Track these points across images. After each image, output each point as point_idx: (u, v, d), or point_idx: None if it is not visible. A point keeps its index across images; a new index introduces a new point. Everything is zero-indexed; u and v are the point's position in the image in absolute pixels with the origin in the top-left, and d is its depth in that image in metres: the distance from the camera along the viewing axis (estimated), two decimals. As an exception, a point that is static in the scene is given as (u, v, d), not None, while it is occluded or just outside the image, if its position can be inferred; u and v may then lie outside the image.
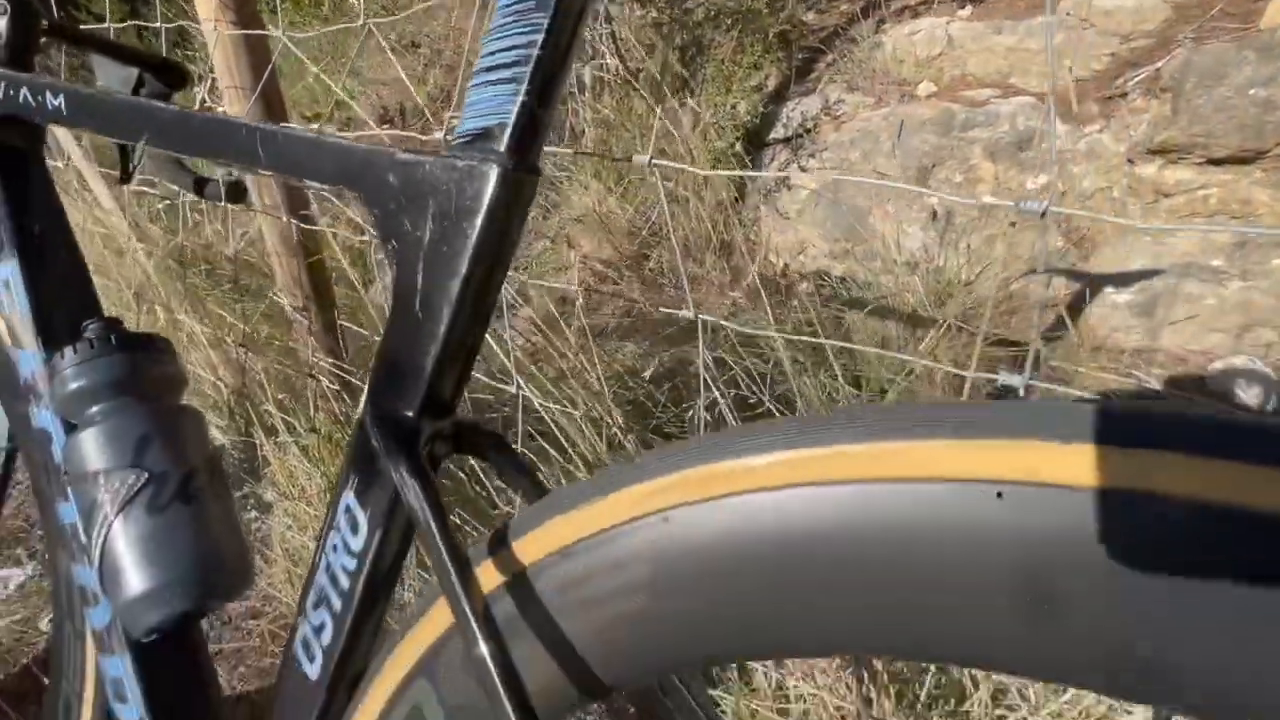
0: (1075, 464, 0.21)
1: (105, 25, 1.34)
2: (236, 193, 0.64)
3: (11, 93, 0.52)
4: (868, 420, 0.25)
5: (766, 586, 0.26)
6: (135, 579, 0.47)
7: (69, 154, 1.84)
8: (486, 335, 0.38)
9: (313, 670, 0.41)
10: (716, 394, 0.74)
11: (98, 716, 0.64)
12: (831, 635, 0.26)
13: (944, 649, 0.24)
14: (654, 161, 0.41)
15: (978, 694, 0.52)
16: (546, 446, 0.86)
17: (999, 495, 0.22)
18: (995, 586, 0.22)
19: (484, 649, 0.30)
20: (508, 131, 0.32)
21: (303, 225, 0.97)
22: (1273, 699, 0.19)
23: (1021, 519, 0.22)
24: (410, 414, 0.35)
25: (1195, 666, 0.20)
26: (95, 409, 0.51)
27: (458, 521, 0.94)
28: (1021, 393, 0.50)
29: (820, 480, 0.25)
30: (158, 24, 1.20)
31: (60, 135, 1.79)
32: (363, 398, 0.38)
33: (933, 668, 0.52)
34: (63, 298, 0.57)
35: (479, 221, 0.32)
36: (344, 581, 0.39)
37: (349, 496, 0.38)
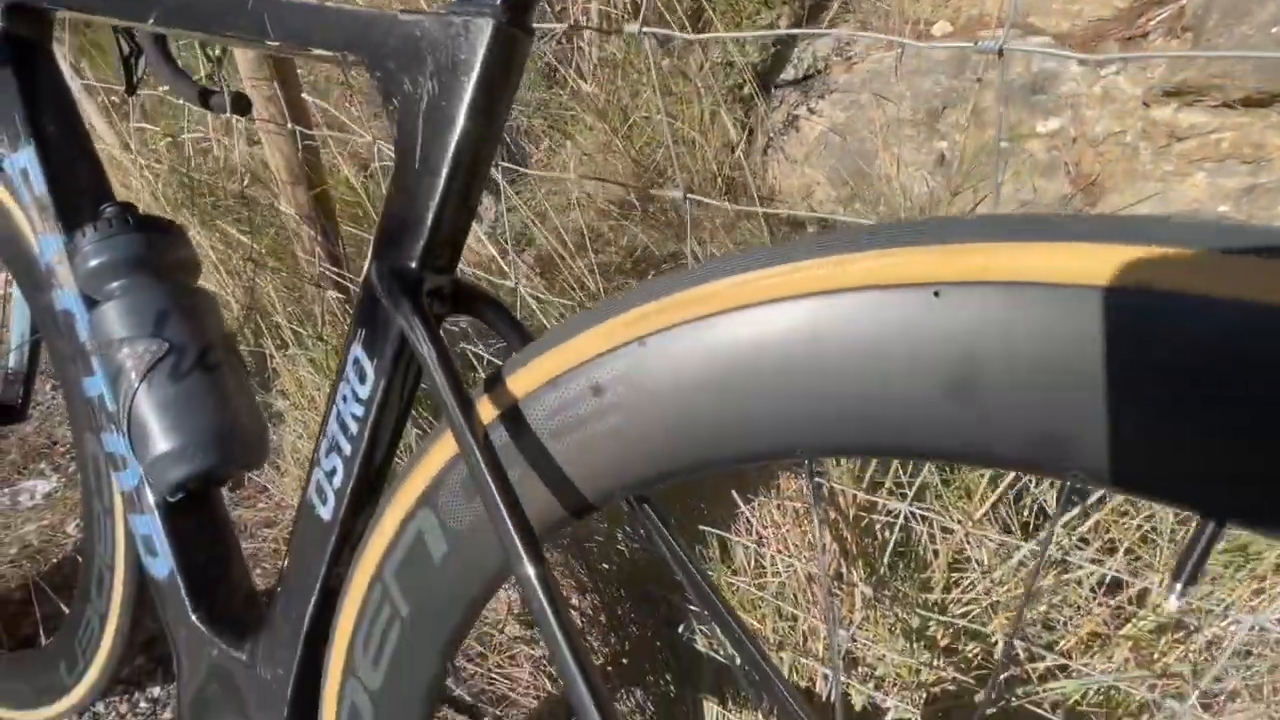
0: (1007, 262, 0.24)
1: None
2: (241, 104, 0.65)
3: (20, -24, 0.53)
4: (822, 241, 0.27)
5: (728, 396, 0.29)
6: (161, 438, 0.51)
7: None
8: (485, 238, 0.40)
9: (326, 511, 0.45)
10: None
11: (129, 578, 0.69)
12: (787, 438, 0.29)
13: (888, 441, 0.27)
14: (644, 30, 0.42)
15: (936, 561, 0.57)
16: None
17: (936, 295, 0.25)
18: (932, 379, 0.25)
19: (486, 473, 0.34)
20: (503, -14, 0.33)
21: (304, 132, 0.98)
22: (1161, 467, 0.22)
23: (956, 315, 0.24)
24: (413, 265, 0.38)
25: (1101, 440, 0.23)
26: (116, 284, 0.54)
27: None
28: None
29: (773, 298, 0.27)
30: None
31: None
32: (368, 255, 0.40)
33: (896, 540, 0.56)
34: (79, 183, 0.59)
35: (475, 75, 0.34)
36: (353, 428, 0.42)
37: (357, 349, 0.41)
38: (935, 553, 0.57)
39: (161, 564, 0.55)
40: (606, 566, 0.77)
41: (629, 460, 0.33)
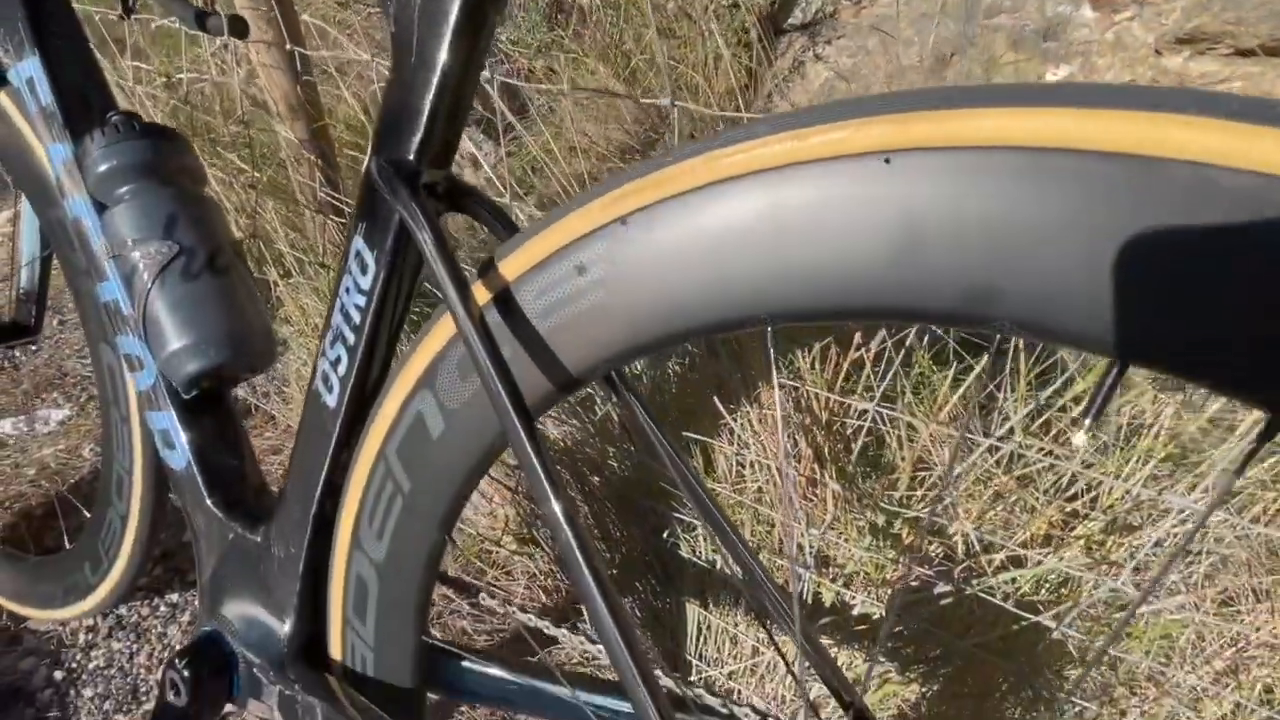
0: (951, 129, 0.26)
1: None
2: (238, 26, 0.65)
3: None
4: (784, 119, 0.29)
5: (699, 268, 0.32)
6: (175, 335, 0.54)
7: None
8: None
9: (331, 399, 0.48)
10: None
11: (148, 481, 0.74)
12: (753, 305, 0.31)
13: (842, 303, 0.30)
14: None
15: (904, 465, 0.61)
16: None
17: (886, 161, 0.27)
18: (882, 241, 0.28)
19: (482, 351, 0.37)
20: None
21: (302, 53, 0.98)
22: (1076, 315, 0.25)
23: (905, 179, 0.27)
24: (410, 157, 0.40)
25: (1028, 292, 0.26)
26: (125, 189, 0.56)
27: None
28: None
29: (739, 173, 0.30)
30: None
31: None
32: (368, 150, 0.42)
33: (865, 444, 0.60)
34: (83, 92, 0.60)
35: (468, -33, 0.36)
36: (356, 318, 0.45)
37: (358, 241, 0.44)
38: (902, 457, 0.61)
39: (179, 456, 0.59)
40: (597, 480, 0.82)
41: (611, 334, 0.36)
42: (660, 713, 0.34)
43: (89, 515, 0.85)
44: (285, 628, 0.53)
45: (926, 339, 0.64)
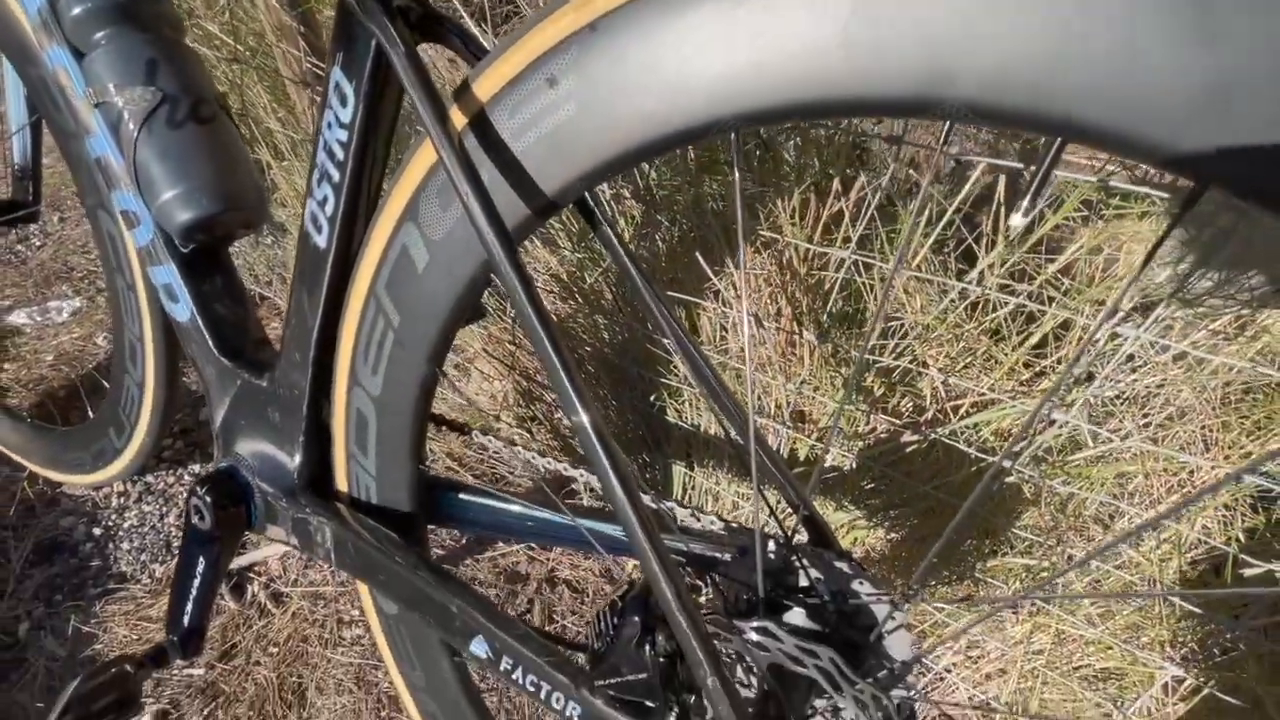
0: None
1: None
2: None
3: None
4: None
5: (664, 74, 0.32)
6: (165, 183, 0.55)
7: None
8: None
9: (321, 239, 0.50)
10: None
11: (159, 346, 0.77)
12: (717, 109, 0.32)
13: (797, 97, 0.30)
14: None
15: (872, 314, 0.63)
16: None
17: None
18: (835, 27, 0.28)
19: (461, 177, 0.37)
20: None
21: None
22: (1020, 94, 0.26)
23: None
24: (382, -24, 0.39)
25: (979, 72, 0.26)
26: (102, 34, 0.55)
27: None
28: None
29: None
30: None
31: None
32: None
33: (840, 297, 0.61)
34: (51, -67, 0.58)
35: None
36: (339, 154, 0.46)
37: (336, 72, 0.44)
38: (871, 306, 0.62)
39: (183, 309, 0.61)
40: (589, 348, 0.84)
41: (582, 149, 0.36)
42: (645, 528, 0.36)
43: (108, 387, 0.90)
44: (294, 461, 0.57)
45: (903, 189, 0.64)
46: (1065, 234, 0.74)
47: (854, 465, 0.68)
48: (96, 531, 1.01)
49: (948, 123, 0.28)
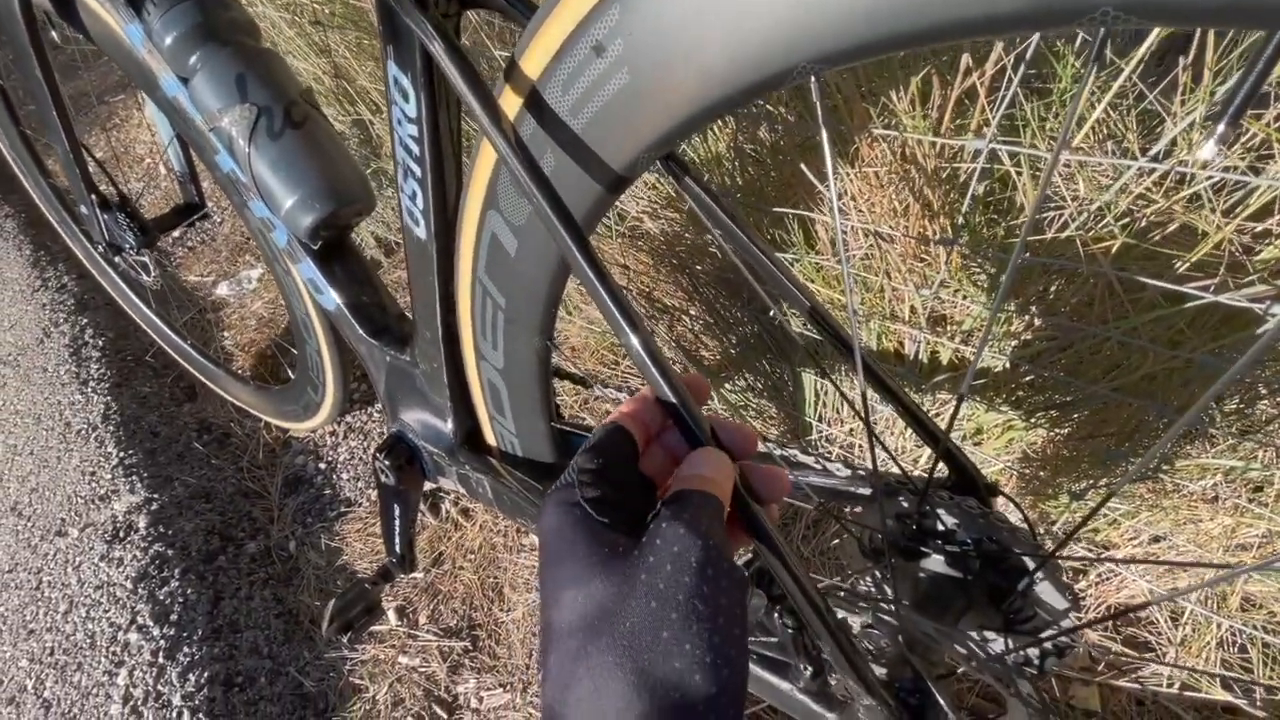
0: None
1: None
2: None
3: None
4: None
5: (722, 24, 0.27)
6: (283, 194, 0.59)
7: None
8: None
9: (421, 231, 0.51)
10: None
11: (321, 316, 0.87)
12: (789, 51, 0.27)
13: (891, 26, 0.24)
14: None
15: (1028, 201, 0.52)
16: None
17: None
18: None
19: (522, 171, 0.36)
20: None
21: None
22: None
23: None
24: (406, -45, 0.36)
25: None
26: (194, 58, 0.58)
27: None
28: None
29: None
30: None
31: None
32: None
33: (981, 189, 0.51)
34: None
35: None
36: (415, 148, 0.46)
37: (392, 68, 0.43)
38: (1024, 194, 0.52)
39: (329, 299, 0.68)
40: (700, 269, 0.82)
41: (644, 118, 0.33)
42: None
43: (295, 353, 1.04)
44: (448, 425, 0.64)
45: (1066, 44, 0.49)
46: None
47: (1007, 366, 0.61)
48: (322, 466, 1.23)
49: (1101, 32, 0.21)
